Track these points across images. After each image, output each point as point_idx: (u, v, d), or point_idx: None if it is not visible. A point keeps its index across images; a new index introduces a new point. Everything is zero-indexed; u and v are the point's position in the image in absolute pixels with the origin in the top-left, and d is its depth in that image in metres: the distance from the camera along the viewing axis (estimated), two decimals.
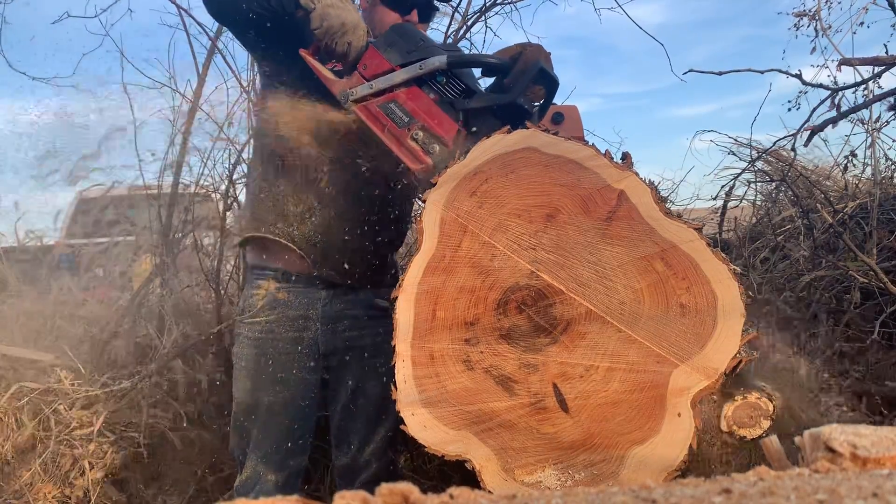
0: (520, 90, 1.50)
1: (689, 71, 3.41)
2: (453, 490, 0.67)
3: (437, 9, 2.06)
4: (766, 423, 1.33)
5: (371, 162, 1.94)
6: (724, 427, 1.34)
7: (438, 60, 1.52)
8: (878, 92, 3.20)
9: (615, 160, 1.35)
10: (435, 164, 1.50)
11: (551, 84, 1.56)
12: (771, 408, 1.34)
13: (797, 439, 0.83)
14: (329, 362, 2.04)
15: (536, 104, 1.62)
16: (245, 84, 3.56)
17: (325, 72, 1.69)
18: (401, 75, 1.56)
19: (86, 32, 3.61)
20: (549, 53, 1.59)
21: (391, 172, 1.96)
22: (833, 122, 3.00)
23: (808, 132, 3.09)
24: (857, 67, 3.15)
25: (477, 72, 1.68)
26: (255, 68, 3.31)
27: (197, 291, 3.65)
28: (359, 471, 2.10)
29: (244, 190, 3.31)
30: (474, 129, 1.52)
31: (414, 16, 1.98)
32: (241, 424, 2.01)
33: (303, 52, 1.73)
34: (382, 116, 1.59)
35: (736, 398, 1.33)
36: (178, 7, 3.55)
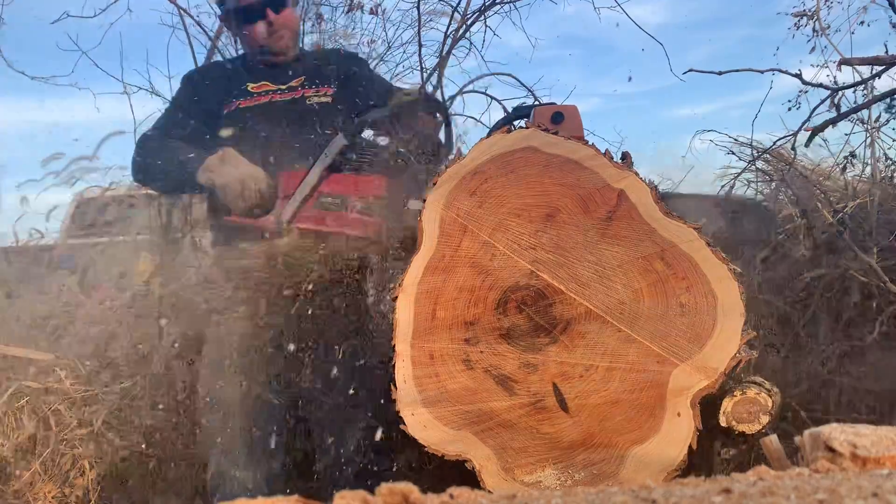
0: (418, 122, 1.68)
1: (689, 71, 3.41)
2: (453, 490, 0.67)
3: (283, 2, 2.13)
4: (766, 419, 1.33)
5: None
6: (723, 423, 1.34)
7: (338, 142, 1.68)
8: (877, 92, 3.19)
9: (615, 160, 1.35)
10: (382, 218, 1.62)
11: (437, 106, 1.76)
12: (770, 404, 1.34)
13: (797, 439, 0.83)
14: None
15: (439, 127, 1.81)
16: None
17: (251, 222, 1.81)
18: (314, 173, 1.69)
19: (85, 32, 3.61)
20: (423, 86, 1.76)
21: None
22: (833, 122, 3.00)
23: (809, 133, 3.09)
24: (857, 67, 3.15)
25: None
26: None
27: (197, 291, 3.65)
28: (342, 467, 2.10)
29: None
30: (400, 170, 1.66)
31: (270, 14, 2.09)
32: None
33: (229, 220, 1.87)
34: (319, 213, 1.70)
35: (735, 394, 1.34)
36: (178, 7, 3.55)
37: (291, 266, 1.85)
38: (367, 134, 1.80)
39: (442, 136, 1.82)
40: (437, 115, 1.83)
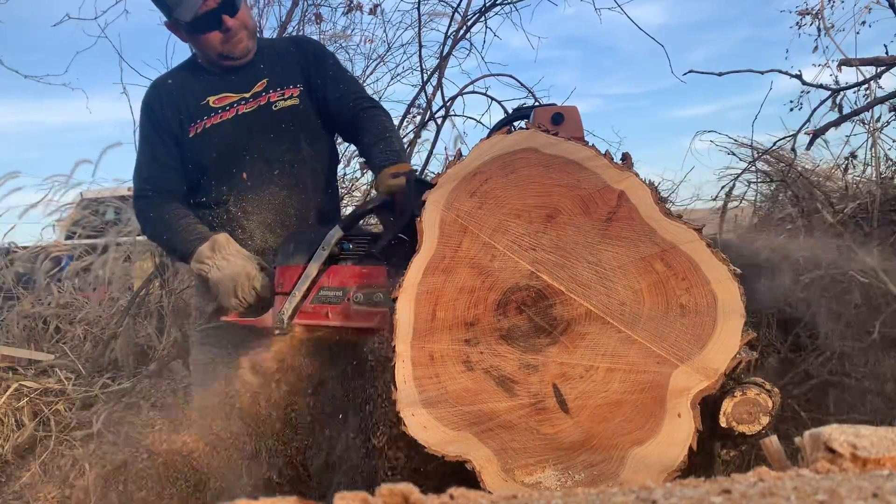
0: (411, 206, 1.63)
1: (690, 71, 3.42)
2: (453, 490, 0.67)
3: (236, 5, 2.01)
4: (766, 420, 1.33)
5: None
6: (723, 423, 1.34)
7: (335, 234, 1.67)
8: (878, 92, 3.20)
9: (615, 161, 1.35)
10: (388, 308, 1.55)
11: (427, 185, 1.74)
12: (770, 404, 1.33)
13: (797, 440, 0.83)
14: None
15: None
16: None
17: (250, 320, 1.80)
18: (313, 267, 1.66)
19: (85, 34, 3.62)
20: (415, 170, 1.83)
21: (310, 199, 2.11)
22: (835, 124, 3.00)
23: (811, 136, 3.09)
24: (859, 68, 3.15)
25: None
26: None
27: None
28: (333, 469, 2.11)
29: None
30: (395, 259, 1.62)
31: (227, 20, 1.97)
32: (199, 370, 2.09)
33: (225, 320, 1.87)
34: (320, 308, 1.67)
35: (735, 394, 1.33)
36: None
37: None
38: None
39: None
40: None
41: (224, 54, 2.03)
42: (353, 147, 3.83)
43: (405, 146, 3.27)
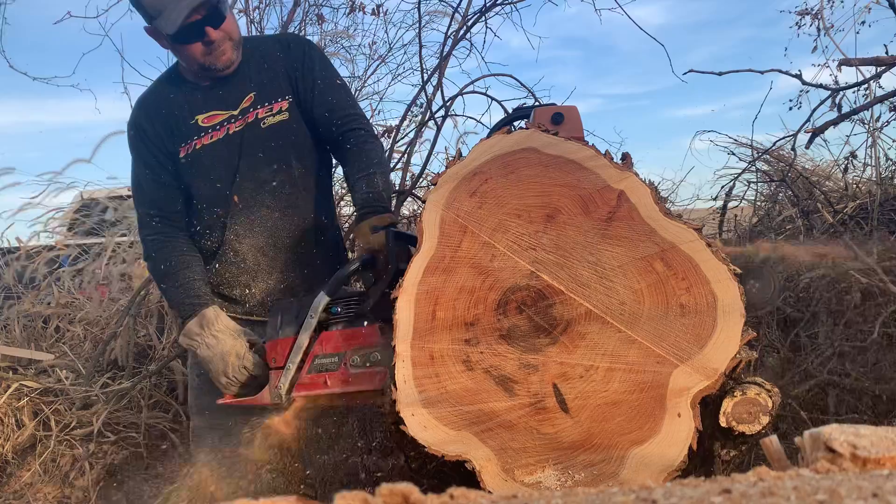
0: (393, 262, 1.61)
1: (690, 71, 3.42)
2: (453, 490, 0.67)
3: (221, 16, 1.93)
4: (766, 420, 1.33)
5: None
6: (723, 423, 1.34)
7: (321, 300, 1.64)
8: (878, 92, 3.20)
9: (615, 161, 1.35)
10: (386, 365, 1.52)
11: (408, 239, 1.70)
12: (770, 404, 1.33)
13: (797, 439, 0.83)
14: None
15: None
16: None
17: (246, 400, 1.78)
18: (304, 338, 1.64)
19: (86, 33, 3.62)
20: (394, 221, 1.82)
21: (300, 228, 2.09)
22: (834, 123, 3.00)
23: (810, 134, 3.09)
24: (859, 68, 3.15)
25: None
26: None
27: None
28: (333, 472, 2.12)
29: None
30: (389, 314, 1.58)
31: (210, 32, 1.91)
32: (200, 440, 2.09)
33: (222, 402, 1.85)
34: (317, 377, 1.64)
35: (735, 394, 1.33)
36: None
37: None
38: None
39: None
40: (410, 246, 1.73)
41: (206, 66, 1.96)
42: None
43: (391, 171, 3.21)
